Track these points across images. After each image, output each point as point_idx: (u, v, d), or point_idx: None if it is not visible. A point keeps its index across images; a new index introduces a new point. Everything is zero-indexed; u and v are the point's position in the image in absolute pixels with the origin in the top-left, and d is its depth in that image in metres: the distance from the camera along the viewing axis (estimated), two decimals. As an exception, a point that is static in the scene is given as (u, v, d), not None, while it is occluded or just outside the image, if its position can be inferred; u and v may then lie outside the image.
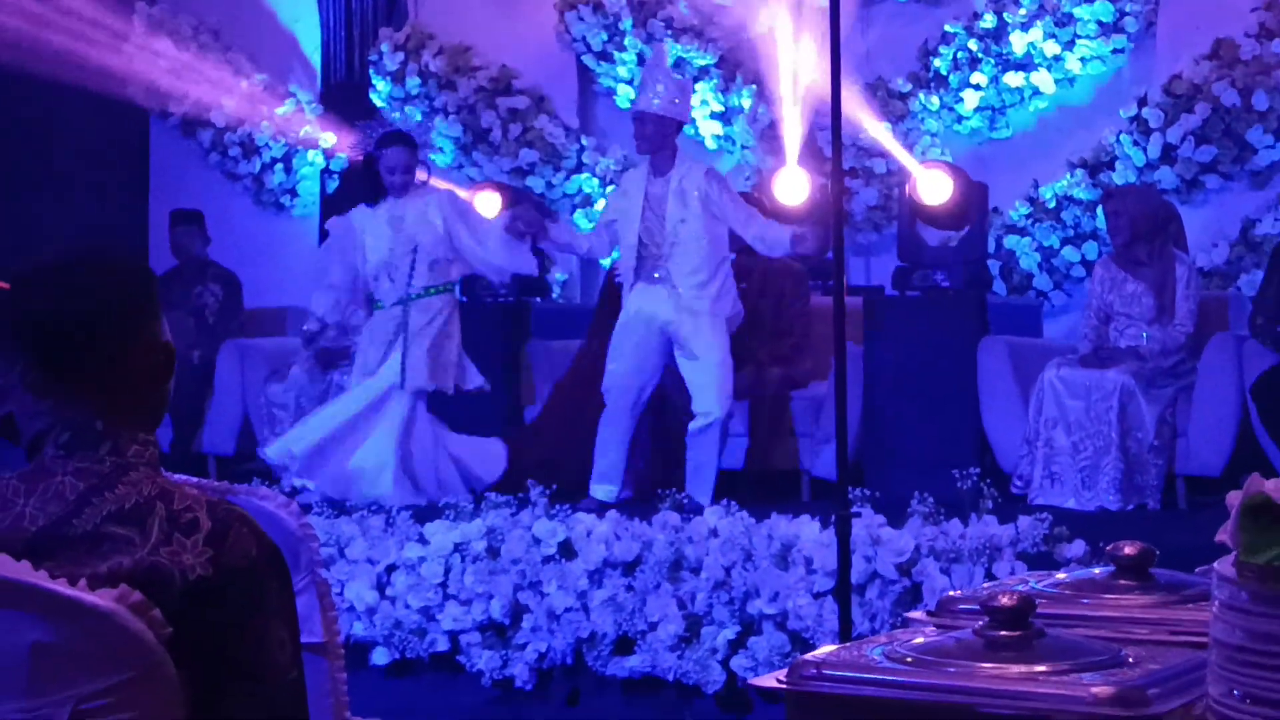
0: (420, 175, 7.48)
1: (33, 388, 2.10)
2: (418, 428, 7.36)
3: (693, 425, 7.09)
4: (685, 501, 6.57)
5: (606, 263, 8.77)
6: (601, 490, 7.18)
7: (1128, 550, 2.11)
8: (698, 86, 9.42)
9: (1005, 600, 1.83)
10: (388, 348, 7.37)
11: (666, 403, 7.58)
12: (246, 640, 2.01)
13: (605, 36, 9.70)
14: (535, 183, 9.86)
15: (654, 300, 7.14)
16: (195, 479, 2.41)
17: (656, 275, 7.14)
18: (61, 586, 1.94)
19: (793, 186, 8.79)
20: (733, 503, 6.40)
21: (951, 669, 1.76)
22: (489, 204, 8.63)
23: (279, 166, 10.28)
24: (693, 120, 9.50)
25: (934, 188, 7.65)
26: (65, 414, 2.08)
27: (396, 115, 9.92)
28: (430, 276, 7.37)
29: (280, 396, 8.46)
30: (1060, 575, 2.23)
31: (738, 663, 5.82)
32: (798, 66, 8.88)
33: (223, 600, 1.99)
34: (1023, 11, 8.90)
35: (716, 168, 7.67)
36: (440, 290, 7.42)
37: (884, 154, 9.06)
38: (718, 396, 7.05)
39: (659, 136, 7.13)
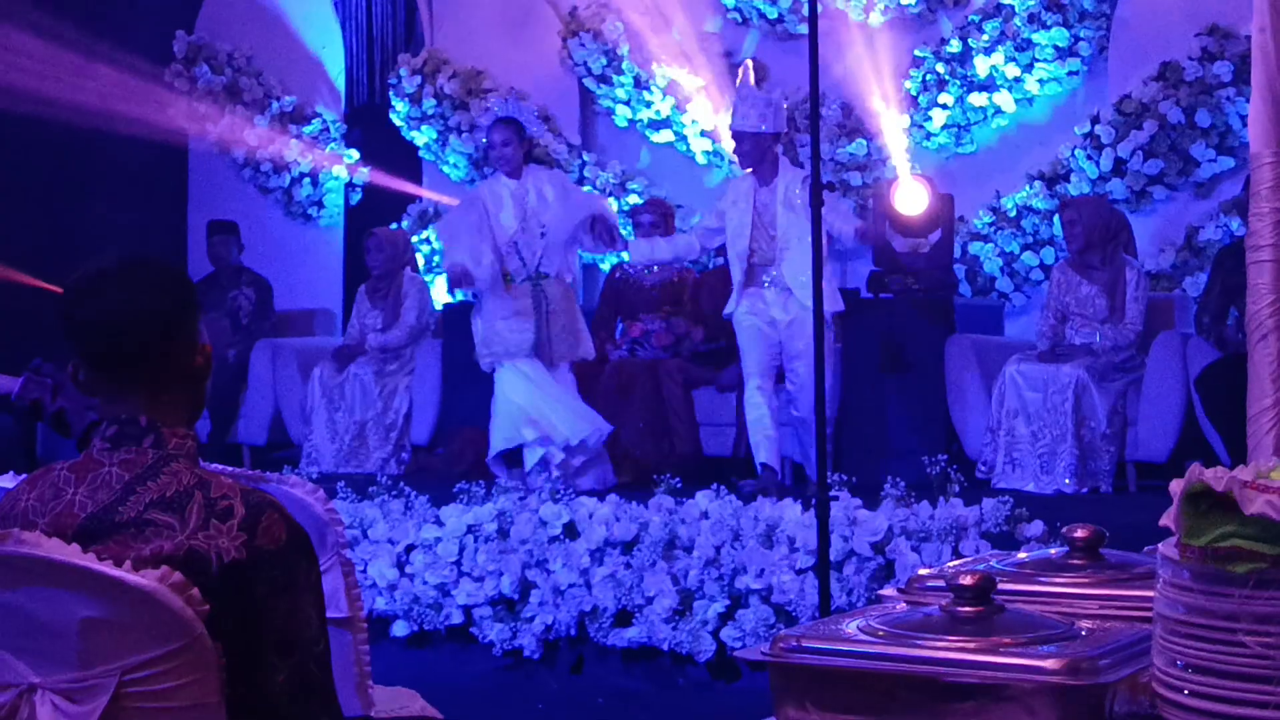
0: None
1: (83, 386, 2.11)
2: None
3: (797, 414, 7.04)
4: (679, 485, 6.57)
5: (606, 266, 8.76)
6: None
7: (1080, 533, 2.12)
8: (689, 107, 9.41)
9: (968, 579, 1.83)
10: (526, 323, 7.14)
11: (661, 392, 7.56)
12: (278, 617, 2.02)
13: (604, 61, 9.68)
14: (541, 195, 9.83)
15: (768, 303, 7.07)
16: (230, 468, 2.41)
17: (766, 280, 7.07)
18: (108, 568, 1.95)
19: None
20: (722, 487, 6.40)
21: (919, 642, 1.77)
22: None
23: (307, 181, 10.27)
24: (688, 134, 9.55)
25: (913, 197, 7.65)
26: (112, 410, 2.09)
27: (414, 134, 9.92)
28: (561, 254, 7.21)
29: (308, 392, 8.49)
30: (1020, 555, 2.23)
31: (727, 633, 5.82)
32: (780, 88, 8.87)
33: (255, 581, 2.00)
34: (986, 37, 8.89)
35: (706, 181, 7.64)
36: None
37: (860, 168, 9.07)
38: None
39: (756, 151, 7.08)
